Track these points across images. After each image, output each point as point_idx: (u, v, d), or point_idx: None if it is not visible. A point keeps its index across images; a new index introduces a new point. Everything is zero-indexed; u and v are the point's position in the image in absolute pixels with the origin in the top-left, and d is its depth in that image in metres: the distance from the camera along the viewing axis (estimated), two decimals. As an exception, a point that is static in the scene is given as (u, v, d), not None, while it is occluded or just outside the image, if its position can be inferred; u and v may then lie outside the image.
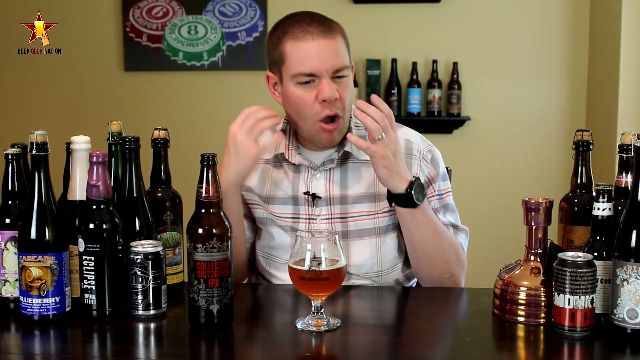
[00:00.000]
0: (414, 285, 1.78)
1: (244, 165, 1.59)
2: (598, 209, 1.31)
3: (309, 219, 1.71)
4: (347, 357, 1.28)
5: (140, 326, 1.37)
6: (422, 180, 1.68)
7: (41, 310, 1.36)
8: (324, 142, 1.68)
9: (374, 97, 1.52)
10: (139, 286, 1.38)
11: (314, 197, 1.70)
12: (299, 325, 1.34)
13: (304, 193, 1.70)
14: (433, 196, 1.72)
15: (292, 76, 1.62)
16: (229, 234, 1.33)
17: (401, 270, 1.74)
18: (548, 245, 1.37)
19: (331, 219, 1.70)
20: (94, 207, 1.35)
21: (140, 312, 1.38)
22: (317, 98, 1.60)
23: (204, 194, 1.32)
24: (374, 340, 1.35)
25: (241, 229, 1.71)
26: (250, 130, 1.56)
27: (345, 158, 1.71)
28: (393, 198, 1.57)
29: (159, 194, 1.57)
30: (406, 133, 1.75)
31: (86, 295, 1.36)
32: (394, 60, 3.58)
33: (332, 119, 1.63)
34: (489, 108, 3.64)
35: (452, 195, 1.77)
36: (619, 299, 1.25)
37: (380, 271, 1.70)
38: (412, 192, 1.53)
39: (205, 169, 1.32)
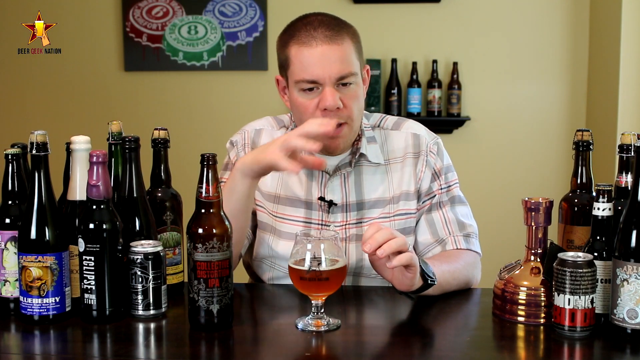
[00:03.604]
0: None
1: (259, 159, 1.48)
2: (598, 209, 1.31)
3: (322, 225, 1.67)
4: (347, 357, 1.28)
5: (140, 326, 1.37)
6: (430, 174, 1.69)
7: (41, 310, 1.36)
8: (328, 149, 1.64)
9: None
10: (139, 286, 1.37)
11: (330, 204, 1.66)
12: (299, 325, 1.34)
13: (319, 199, 1.67)
14: (441, 189, 1.70)
15: (295, 82, 1.59)
16: (229, 234, 1.32)
17: None
18: (548, 245, 1.37)
19: (346, 225, 1.67)
20: (94, 207, 1.35)
21: (140, 312, 1.38)
22: (318, 106, 1.57)
23: (204, 194, 1.32)
24: (374, 340, 1.35)
25: (243, 219, 1.58)
26: (284, 146, 1.45)
27: (358, 161, 1.68)
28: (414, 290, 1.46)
29: (159, 194, 1.57)
30: (412, 127, 1.74)
31: (86, 295, 1.36)
32: (394, 60, 3.58)
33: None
34: (489, 108, 3.64)
35: (459, 186, 1.74)
36: (619, 299, 1.25)
37: None
38: (428, 281, 1.44)
39: (205, 169, 1.32)
